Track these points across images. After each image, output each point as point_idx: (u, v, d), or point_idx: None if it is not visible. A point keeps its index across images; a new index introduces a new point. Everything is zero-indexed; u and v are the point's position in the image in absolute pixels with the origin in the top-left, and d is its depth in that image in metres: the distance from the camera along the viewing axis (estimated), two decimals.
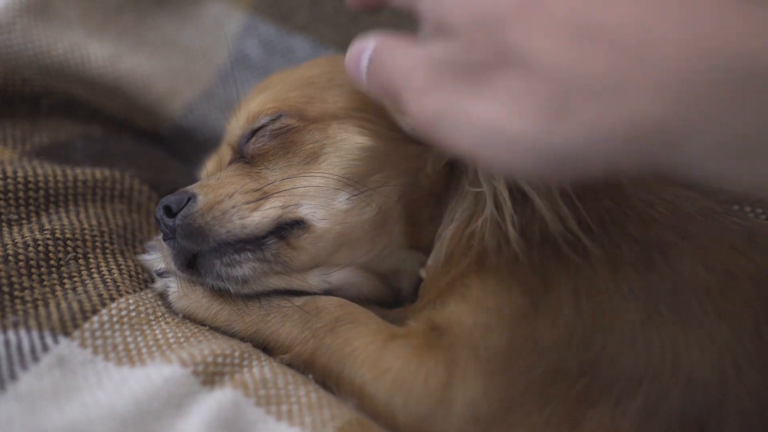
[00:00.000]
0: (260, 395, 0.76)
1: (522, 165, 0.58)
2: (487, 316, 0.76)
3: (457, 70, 0.60)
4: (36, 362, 0.73)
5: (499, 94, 0.58)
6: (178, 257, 0.86)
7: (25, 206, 0.91)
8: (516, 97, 0.57)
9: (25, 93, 1.14)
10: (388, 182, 0.88)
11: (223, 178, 0.88)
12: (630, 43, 0.54)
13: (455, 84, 0.60)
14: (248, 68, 1.25)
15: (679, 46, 0.53)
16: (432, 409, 0.74)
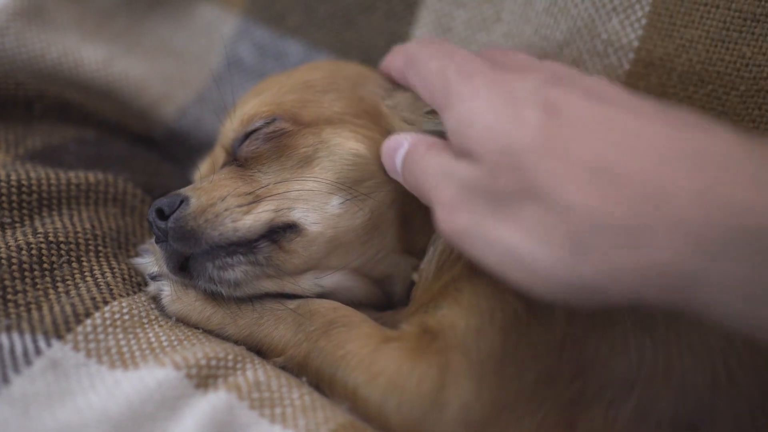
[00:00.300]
0: (254, 398, 0.76)
1: (543, 291, 0.62)
2: (480, 319, 0.77)
3: (483, 194, 0.65)
4: (29, 366, 0.73)
5: (523, 224, 0.62)
6: (170, 260, 0.86)
7: (19, 210, 0.91)
8: (539, 229, 0.61)
9: (18, 97, 1.14)
10: (381, 188, 0.88)
11: (216, 180, 0.88)
12: (647, 190, 0.58)
13: (481, 207, 0.65)
14: (242, 72, 1.25)
15: (692, 197, 0.56)
16: (425, 412, 0.74)
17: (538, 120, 0.64)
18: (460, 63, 0.75)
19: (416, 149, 0.78)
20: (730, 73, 0.94)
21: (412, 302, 0.87)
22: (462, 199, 0.67)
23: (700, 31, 0.95)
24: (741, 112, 0.94)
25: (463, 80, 0.72)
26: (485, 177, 0.65)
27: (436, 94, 0.76)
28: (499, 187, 0.64)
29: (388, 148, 0.83)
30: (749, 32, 0.93)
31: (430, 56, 0.79)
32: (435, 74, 0.77)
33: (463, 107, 0.70)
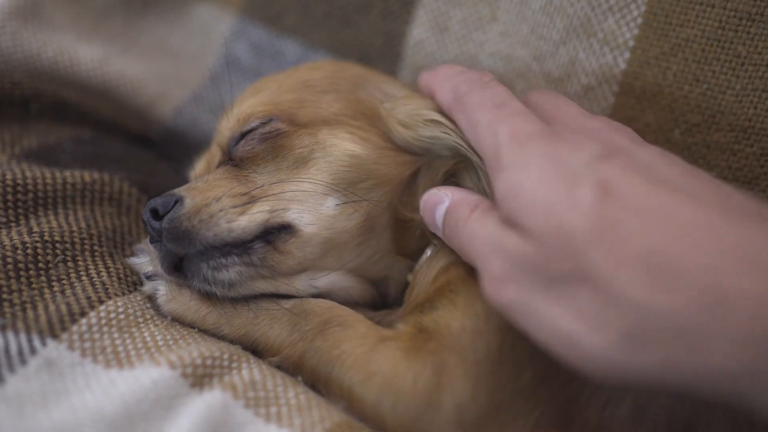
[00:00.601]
0: (249, 397, 0.76)
1: (593, 373, 0.62)
2: (476, 321, 0.77)
3: (534, 271, 0.65)
4: (24, 365, 0.74)
5: (576, 307, 0.62)
6: (164, 260, 0.86)
7: (14, 209, 0.91)
8: (593, 315, 0.61)
9: (14, 96, 1.14)
10: (377, 190, 0.88)
11: (211, 180, 0.88)
12: (705, 290, 0.57)
13: (532, 284, 0.65)
14: (239, 71, 1.25)
15: (753, 302, 0.56)
16: (420, 412, 0.74)
17: (592, 200, 0.62)
18: (513, 123, 0.73)
19: (459, 209, 0.77)
20: (726, 72, 0.94)
21: (408, 302, 0.87)
22: (511, 273, 0.66)
23: (695, 30, 0.95)
24: (737, 111, 0.94)
25: (514, 145, 0.71)
26: (537, 255, 0.64)
27: (486, 151, 0.75)
28: (552, 267, 0.63)
29: (428, 203, 0.83)
30: (744, 31, 0.93)
31: (481, 105, 0.78)
32: (486, 129, 0.75)
33: (515, 177, 0.69)
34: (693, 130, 0.97)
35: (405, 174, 0.88)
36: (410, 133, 0.88)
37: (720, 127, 0.95)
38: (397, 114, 0.90)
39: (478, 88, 0.81)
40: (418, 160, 0.89)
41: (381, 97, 0.94)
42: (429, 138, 0.87)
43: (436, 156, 0.88)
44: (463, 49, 1.11)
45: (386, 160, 0.88)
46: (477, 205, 0.76)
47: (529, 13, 1.05)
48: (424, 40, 1.13)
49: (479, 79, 0.83)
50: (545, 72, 1.05)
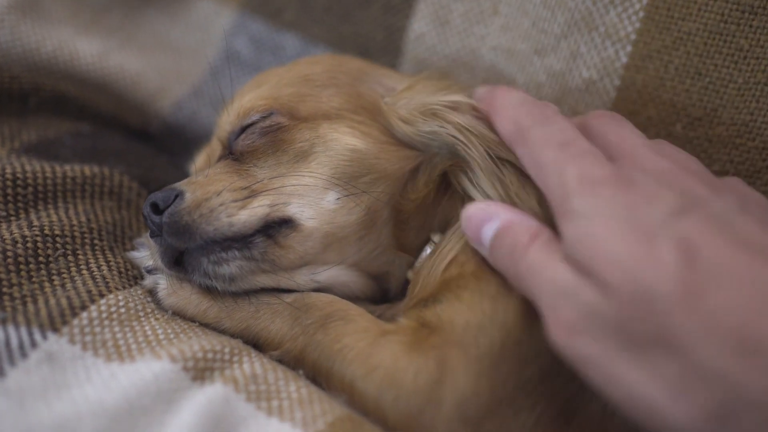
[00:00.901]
0: (250, 391, 0.76)
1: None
2: (481, 316, 0.76)
3: (612, 329, 0.63)
4: (24, 358, 0.73)
5: (658, 375, 0.60)
6: (165, 254, 0.85)
7: (14, 203, 0.91)
8: (677, 385, 0.59)
9: (13, 90, 1.14)
10: (378, 184, 0.87)
11: (212, 175, 0.88)
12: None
13: (608, 341, 0.63)
14: (239, 65, 1.25)
15: None
16: (421, 407, 0.74)
17: (675, 262, 0.61)
18: (581, 165, 0.71)
19: (515, 234, 0.74)
20: (728, 66, 0.94)
21: (410, 297, 0.86)
22: (585, 324, 0.64)
23: (697, 23, 0.95)
24: (739, 105, 0.94)
25: (584, 190, 0.69)
26: (615, 312, 0.63)
27: (552, 193, 0.72)
28: (632, 328, 0.62)
29: (474, 219, 0.79)
30: (747, 25, 0.93)
31: (545, 142, 0.75)
32: (551, 170, 0.73)
33: (587, 226, 0.67)
34: (695, 124, 0.97)
35: (406, 169, 0.88)
36: (410, 128, 0.88)
37: (722, 120, 0.95)
38: (398, 109, 0.90)
39: (540, 122, 0.78)
40: (419, 156, 0.89)
41: (381, 91, 0.94)
42: (428, 134, 0.87)
43: (436, 153, 0.88)
44: (465, 43, 1.10)
45: (387, 154, 0.88)
46: (537, 234, 0.73)
47: (531, 7, 1.05)
48: (425, 34, 1.13)
49: (542, 112, 0.80)
50: (546, 66, 1.05)
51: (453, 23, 1.11)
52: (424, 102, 0.88)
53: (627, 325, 0.62)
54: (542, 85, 1.05)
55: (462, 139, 0.83)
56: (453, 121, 0.85)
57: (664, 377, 0.60)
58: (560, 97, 1.04)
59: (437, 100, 0.88)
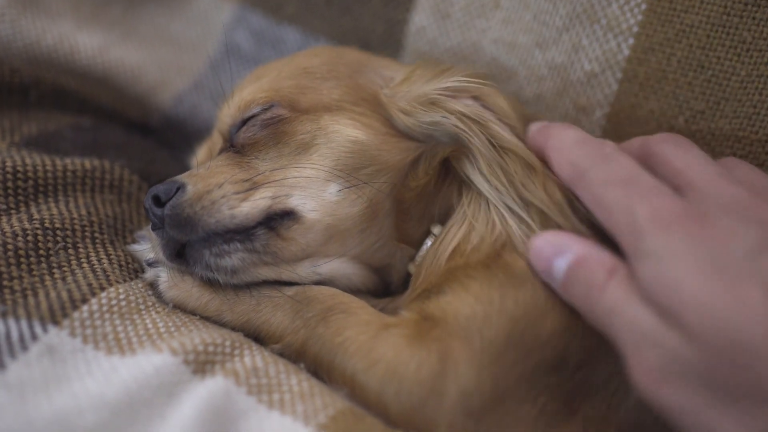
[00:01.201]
0: (251, 384, 0.75)
1: None
2: (489, 308, 0.76)
3: (700, 378, 0.61)
4: (25, 351, 0.73)
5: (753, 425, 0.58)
6: (166, 247, 0.85)
7: (14, 196, 0.91)
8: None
9: (13, 83, 1.14)
10: (380, 175, 0.87)
11: (213, 167, 0.88)
12: None
13: (698, 391, 0.61)
14: (239, 59, 1.24)
15: None
16: (423, 399, 0.74)
17: (763, 305, 0.59)
18: (650, 202, 0.69)
19: (591, 271, 0.71)
20: (731, 59, 0.94)
21: (412, 289, 0.86)
22: (671, 371, 0.63)
23: (700, 16, 0.95)
24: (741, 98, 0.94)
25: (657, 230, 0.66)
26: (702, 361, 0.61)
27: (622, 233, 0.70)
28: (723, 378, 0.60)
29: (545, 252, 0.76)
30: (750, 17, 0.92)
31: (608, 182, 0.73)
32: (618, 209, 0.71)
33: (666, 267, 0.64)
34: (697, 117, 0.97)
35: (407, 160, 0.88)
36: (411, 119, 0.88)
37: (725, 113, 0.95)
38: (398, 101, 0.90)
39: (600, 161, 0.76)
40: (420, 146, 0.88)
41: (380, 82, 0.94)
42: (429, 124, 0.87)
43: (437, 142, 0.88)
44: (465, 36, 1.10)
45: (388, 146, 0.88)
46: (613, 270, 0.70)
47: (532, 0, 1.05)
48: (426, 27, 1.13)
49: (600, 150, 0.78)
50: (548, 59, 1.05)
51: (454, 16, 1.11)
52: (422, 92, 0.88)
53: (716, 375, 0.60)
54: (544, 79, 1.05)
55: (463, 127, 0.83)
56: (453, 110, 0.85)
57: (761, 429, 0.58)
58: (562, 90, 1.04)
59: (434, 88, 0.88)
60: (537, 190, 0.80)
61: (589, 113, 1.03)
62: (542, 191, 0.80)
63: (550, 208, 0.80)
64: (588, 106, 1.03)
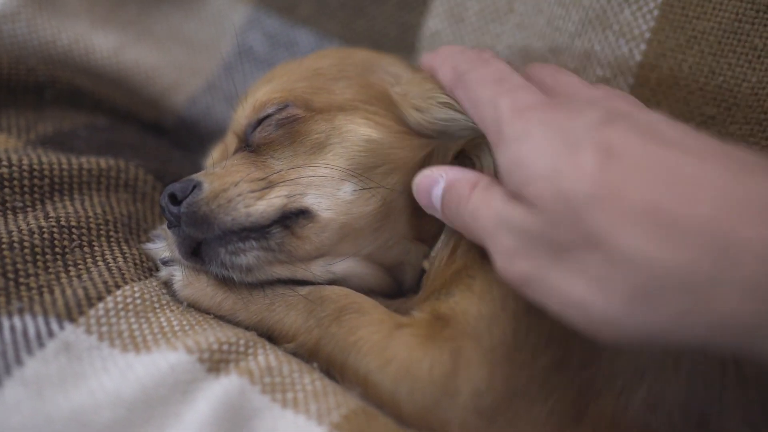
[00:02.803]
0: (265, 383, 0.76)
1: (606, 337, 0.62)
2: (493, 306, 0.77)
3: (543, 243, 0.64)
4: (42, 348, 0.74)
5: (584, 274, 0.61)
6: (182, 245, 0.86)
7: (30, 194, 0.91)
8: (601, 279, 0.60)
9: (29, 82, 1.14)
10: (394, 174, 0.88)
11: (229, 166, 0.88)
12: (709, 240, 0.57)
13: (541, 255, 0.64)
14: (252, 61, 1.25)
15: (757, 248, 0.55)
16: (436, 399, 0.74)
17: (594, 164, 0.61)
18: (513, 96, 0.73)
19: (457, 188, 0.76)
20: (742, 65, 0.95)
21: (424, 289, 0.87)
22: (521, 247, 0.66)
23: (712, 22, 0.96)
24: (752, 104, 0.94)
25: (515, 117, 0.70)
26: (544, 226, 0.64)
27: (488, 127, 0.74)
28: (559, 236, 0.62)
29: (422, 185, 0.82)
30: (761, 24, 0.93)
31: (482, 81, 0.77)
32: (486, 104, 0.74)
33: (517, 148, 0.68)
34: (708, 123, 0.97)
35: (420, 156, 0.88)
36: (424, 116, 0.89)
37: (735, 119, 0.95)
38: (411, 98, 0.90)
39: (478, 65, 0.80)
40: (432, 142, 0.89)
41: (390, 80, 0.94)
42: (444, 120, 0.88)
43: (450, 137, 0.89)
44: (479, 41, 1.11)
45: (402, 143, 0.88)
46: (476, 182, 0.74)
47: (546, 5, 1.06)
48: (440, 32, 1.13)
49: (478, 56, 0.82)
50: (561, 64, 1.05)
51: (468, 21, 1.11)
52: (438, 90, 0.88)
53: (554, 235, 0.63)
54: None
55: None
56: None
57: (591, 275, 0.61)
58: None
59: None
60: None
61: None
62: None
63: None
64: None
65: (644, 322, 0.59)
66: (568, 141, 0.64)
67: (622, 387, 0.76)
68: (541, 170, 0.64)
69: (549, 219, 0.63)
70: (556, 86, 0.79)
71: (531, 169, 0.65)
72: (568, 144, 0.64)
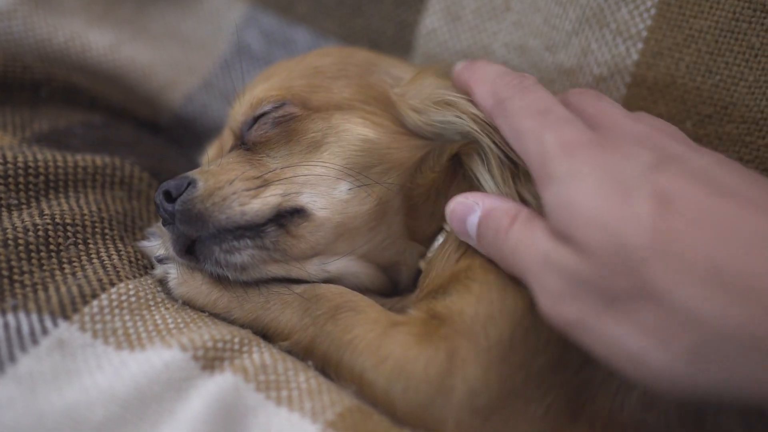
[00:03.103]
0: (260, 380, 0.76)
1: (657, 388, 0.61)
2: (491, 307, 0.77)
3: (593, 289, 0.63)
4: (35, 345, 0.73)
5: (640, 326, 0.61)
6: (177, 243, 0.86)
7: (25, 191, 0.91)
8: (660, 334, 0.60)
9: (25, 80, 1.14)
10: (390, 174, 0.88)
11: (224, 164, 0.88)
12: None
13: (592, 302, 0.63)
14: (249, 59, 1.25)
15: None
16: (431, 397, 0.74)
17: (650, 214, 0.61)
18: (559, 131, 0.71)
19: (496, 219, 0.75)
20: (739, 64, 0.94)
21: (420, 288, 0.87)
22: (569, 291, 0.65)
23: (709, 21, 0.96)
24: (749, 103, 0.94)
25: (563, 155, 0.69)
26: (595, 272, 0.63)
27: (532, 161, 0.72)
28: (613, 285, 0.62)
29: (456, 213, 0.80)
30: (758, 23, 0.93)
31: (524, 111, 0.75)
32: (530, 136, 0.73)
33: (566, 189, 0.67)
34: (705, 122, 0.97)
35: (416, 157, 0.88)
36: (422, 118, 0.89)
37: (732, 118, 0.95)
38: (409, 99, 0.90)
39: (519, 92, 0.78)
40: (429, 144, 0.89)
41: (390, 81, 0.94)
42: (441, 123, 0.88)
43: (448, 140, 0.88)
44: (476, 39, 1.11)
45: (399, 144, 0.88)
46: (515, 214, 0.74)
47: (543, 3, 1.06)
48: (437, 30, 1.13)
49: (520, 82, 0.80)
50: (557, 62, 1.05)
51: (465, 19, 1.11)
52: (436, 91, 0.89)
53: (608, 283, 0.62)
54: (553, 82, 1.06)
55: (475, 127, 0.84)
56: (468, 112, 0.85)
57: (647, 327, 0.60)
58: None
59: (450, 90, 0.88)
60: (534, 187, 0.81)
61: None
62: None
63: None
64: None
65: (704, 378, 0.59)
66: (622, 186, 0.63)
67: (618, 386, 0.76)
68: (594, 215, 0.64)
69: (602, 266, 0.62)
70: (599, 117, 0.76)
71: (582, 213, 0.64)
72: (622, 189, 0.63)
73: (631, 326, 0.61)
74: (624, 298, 0.61)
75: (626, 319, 0.61)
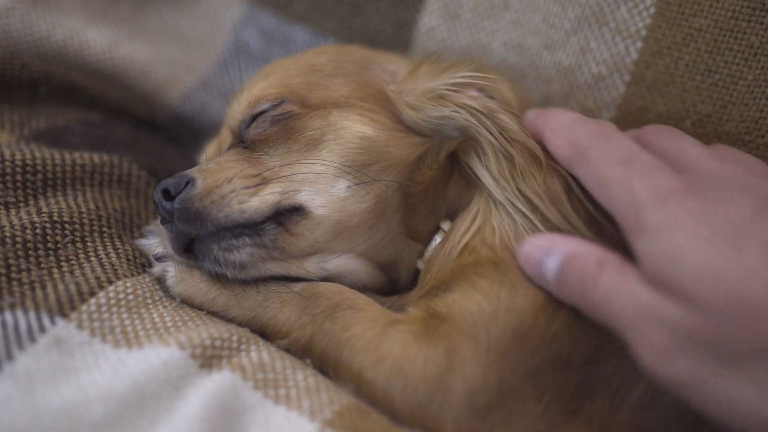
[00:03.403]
0: (258, 379, 0.76)
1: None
2: (497, 305, 0.76)
3: (707, 345, 0.61)
4: (33, 343, 0.73)
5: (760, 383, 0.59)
6: (175, 241, 0.85)
7: (23, 189, 0.91)
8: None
9: (23, 78, 1.14)
10: (388, 172, 0.88)
11: (223, 162, 0.88)
12: None
13: (705, 358, 0.61)
14: (248, 57, 1.25)
15: None
16: (430, 396, 0.74)
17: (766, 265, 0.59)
18: (649, 179, 0.69)
19: (581, 266, 0.72)
20: (738, 63, 0.94)
21: (420, 286, 0.86)
22: (677, 346, 0.63)
23: (708, 20, 0.96)
24: (748, 102, 0.94)
25: (658, 205, 0.67)
26: (710, 327, 0.61)
27: (622, 212, 0.70)
28: (731, 341, 0.60)
29: (531, 256, 0.77)
30: (758, 21, 0.93)
31: (608, 160, 0.73)
32: (617, 186, 0.71)
33: (667, 241, 0.65)
34: (704, 121, 0.97)
35: (415, 155, 0.88)
36: (419, 114, 0.89)
37: (731, 117, 0.95)
38: (405, 96, 0.90)
39: (599, 140, 0.76)
40: (427, 141, 0.89)
41: (387, 78, 0.94)
42: (438, 119, 0.87)
43: (446, 137, 0.88)
44: (475, 38, 1.11)
45: (396, 141, 0.88)
46: (603, 260, 0.71)
47: (541, 2, 1.06)
48: (435, 28, 1.13)
49: (599, 130, 0.78)
50: (556, 61, 1.05)
51: (463, 17, 1.11)
52: (430, 87, 0.89)
53: (722, 340, 0.60)
54: (552, 81, 1.06)
55: (473, 121, 0.84)
56: (462, 104, 0.85)
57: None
58: (569, 92, 1.05)
59: (442, 83, 0.88)
60: (534, 183, 0.80)
61: (597, 116, 1.03)
62: (542, 183, 0.80)
63: (544, 200, 0.80)
64: (595, 109, 1.03)
65: None
66: (729, 236, 0.62)
67: (618, 386, 0.76)
68: (705, 268, 0.62)
69: (717, 320, 0.61)
70: (683, 158, 0.74)
71: (690, 266, 0.63)
72: (731, 240, 0.62)
73: (752, 384, 0.59)
74: (746, 355, 0.60)
75: (748, 378, 0.60)
